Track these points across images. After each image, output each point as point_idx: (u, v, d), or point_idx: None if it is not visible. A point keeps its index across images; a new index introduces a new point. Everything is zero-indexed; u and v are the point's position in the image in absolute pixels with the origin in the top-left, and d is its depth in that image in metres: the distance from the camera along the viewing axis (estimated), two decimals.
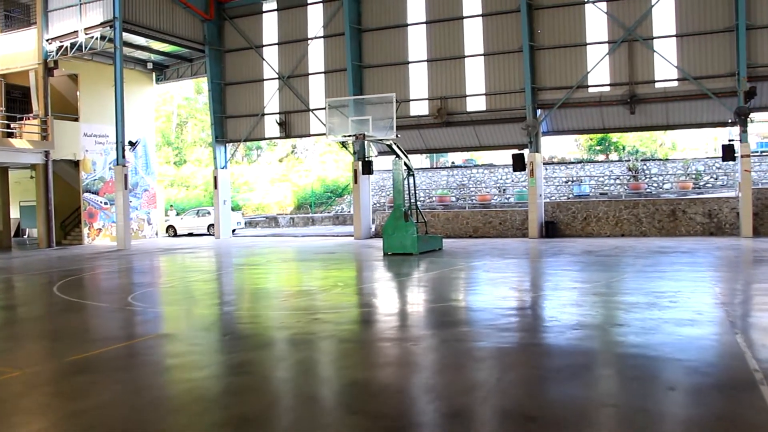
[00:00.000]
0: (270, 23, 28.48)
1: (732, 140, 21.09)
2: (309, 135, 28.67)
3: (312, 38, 27.31)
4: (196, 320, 8.81)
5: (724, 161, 21.76)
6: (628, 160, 30.86)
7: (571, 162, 33.34)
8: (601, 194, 28.49)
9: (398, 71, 25.73)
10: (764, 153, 30.59)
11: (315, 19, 27.44)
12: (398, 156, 17.41)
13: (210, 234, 31.88)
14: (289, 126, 28.15)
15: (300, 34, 27.69)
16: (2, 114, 26.33)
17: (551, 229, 23.18)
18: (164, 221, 34.17)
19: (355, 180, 26.03)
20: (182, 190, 48.43)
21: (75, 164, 28.37)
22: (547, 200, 25.14)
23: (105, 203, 28.89)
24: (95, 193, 28.85)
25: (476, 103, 24.73)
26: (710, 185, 28.79)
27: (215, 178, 29.28)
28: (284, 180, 43.71)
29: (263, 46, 28.48)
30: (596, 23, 22.73)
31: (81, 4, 25.27)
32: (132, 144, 24.38)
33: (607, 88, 22.72)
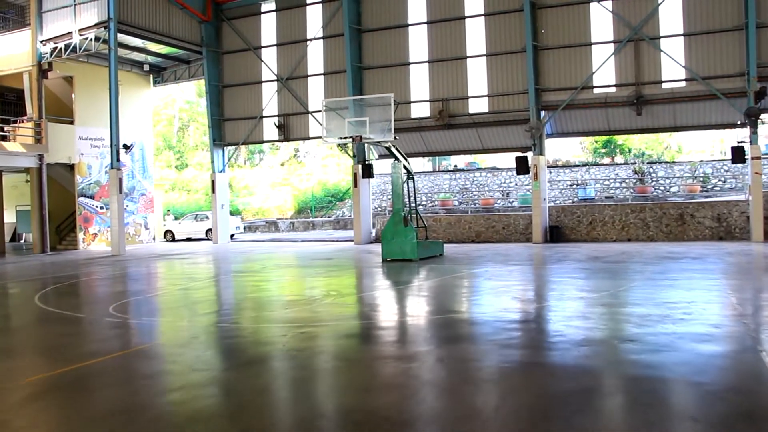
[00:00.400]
0: (268, 24, 27.99)
1: (742, 142, 20.45)
2: (308, 138, 28.13)
3: (311, 39, 26.80)
4: (174, 334, 8.24)
5: (734, 163, 21.12)
6: (634, 163, 30.19)
7: (576, 165, 32.70)
8: (607, 198, 27.84)
9: (399, 72, 25.19)
10: None
11: (314, 20, 26.94)
12: (397, 159, 16.83)
13: (208, 239, 31.36)
14: (288, 129, 27.62)
15: (299, 35, 27.19)
16: None
17: (556, 234, 22.57)
18: (162, 226, 33.64)
19: (355, 184, 25.47)
20: (183, 194, 47.97)
21: (70, 168, 27.89)
22: (552, 204, 24.53)
23: (101, 207, 28.39)
24: (91, 198, 28.36)
25: (479, 105, 24.16)
26: (718, 188, 28.12)
27: (213, 182, 28.79)
28: (285, 184, 43.19)
29: (261, 48, 27.99)
30: (601, 22, 22.15)
31: (75, 5, 24.83)
32: (126, 147, 23.84)
33: (613, 89, 22.11)
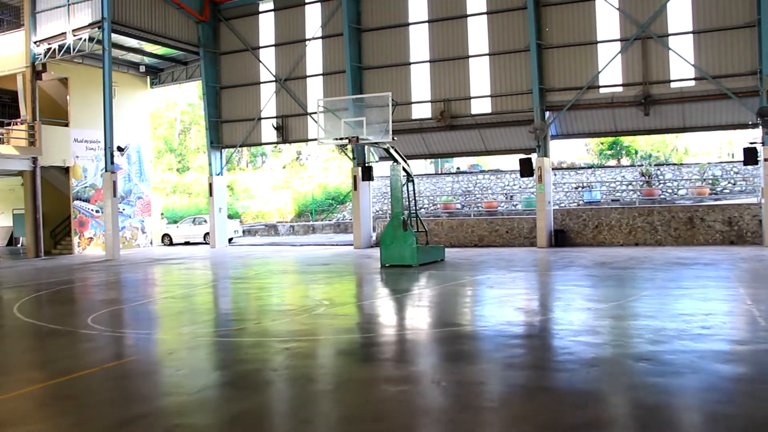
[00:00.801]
0: (266, 24, 27.42)
1: (754, 143, 19.76)
2: (307, 140, 27.54)
3: (310, 39, 26.21)
4: (150, 349, 7.64)
5: (746, 165, 20.44)
6: (641, 165, 29.52)
7: (581, 167, 32.03)
8: (613, 201, 27.17)
9: (399, 72, 24.57)
10: None
11: (313, 20, 26.34)
12: (396, 161, 16.21)
13: (206, 243, 30.76)
14: (287, 130, 27.02)
15: (297, 35, 26.60)
16: None
17: (561, 238, 21.90)
18: (162, 229, 33.06)
19: (355, 187, 24.85)
20: (185, 197, 47.45)
21: (65, 171, 27.35)
22: (556, 207, 23.86)
23: (96, 211, 27.82)
24: (86, 201, 27.81)
25: (481, 106, 23.51)
26: (728, 191, 27.43)
27: (210, 185, 28.21)
28: (286, 187, 42.61)
29: (259, 48, 27.42)
30: (607, 20, 21.47)
31: (69, 5, 24.31)
32: (120, 149, 23.30)
33: (620, 89, 21.43)
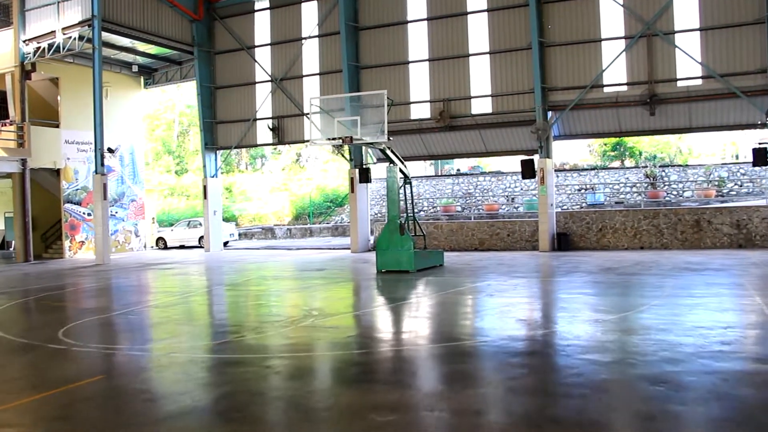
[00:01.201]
0: (262, 23, 26.80)
1: (763, 143, 19.14)
2: (303, 141, 26.83)
3: (306, 38, 25.58)
4: (114, 368, 6.99)
5: (755, 166, 19.83)
6: (645, 167, 28.89)
7: (584, 169, 31.39)
8: (617, 203, 26.54)
9: (397, 72, 23.94)
10: None
11: (309, 18, 25.72)
12: (393, 162, 15.56)
13: (201, 246, 30.12)
14: (283, 131, 26.40)
15: (293, 34, 25.99)
16: None
17: (564, 242, 21.24)
18: (153, 233, 32.41)
19: (352, 189, 24.22)
20: (183, 200, 46.80)
21: (56, 173, 26.74)
22: (559, 210, 23.21)
23: (88, 214, 27.18)
24: (78, 204, 27.19)
25: (482, 106, 22.85)
26: (734, 192, 26.80)
27: (205, 188, 27.58)
28: (284, 189, 41.95)
29: (255, 47, 26.81)
30: (612, 17, 20.84)
31: (58, 3, 23.69)
32: (110, 150, 22.66)
33: (624, 88, 20.79)
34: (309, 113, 15.35)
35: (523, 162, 21.57)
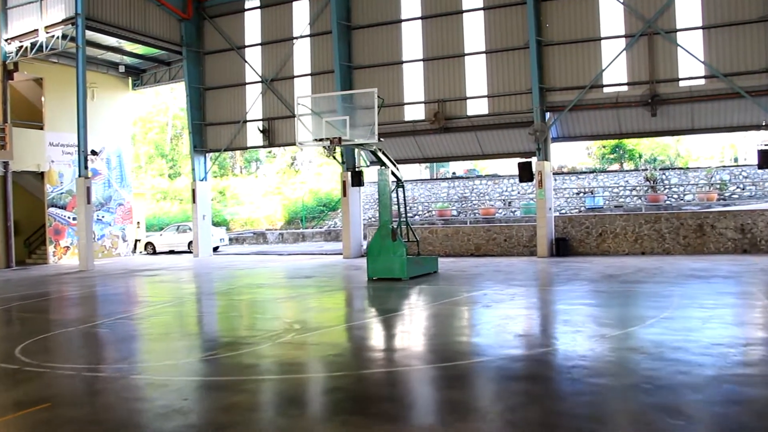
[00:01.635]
0: (252, 22, 26.09)
1: None
2: (294, 143, 26.10)
3: (297, 37, 24.87)
4: (64, 394, 6.25)
5: (761, 169, 19.13)
6: (645, 169, 28.23)
7: (583, 172, 30.73)
8: (616, 207, 25.89)
9: (391, 72, 23.24)
10: None
11: (301, 17, 25.02)
12: (384, 164, 14.85)
13: (191, 252, 29.35)
14: (273, 133, 25.66)
15: (284, 34, 25.28)
16: None
17: (563, 247, 20.54)
18: (141, 238, 31.60)
19: (344, 192, 23.49)
20: (175, 204, 46.02)
21: (40, 176, 25.97)
22: (557, 214, 22.50)
23: (73, 219, 26.36)
24: (62, 208, 26.41)
25: (478, 107, 22.15)
26: (737, 196, 26.16)
27: (194, 191, 26.82)
28: (277, 193, 41.23)
29: (245, 47, 26.09)
30: (612, 15, 20.17)
31: (41, 0, 22.94)
32: (94, 153, 21.90)
33: (625, 88, 20.12)
34: (297, 113, 14.59)
35: (521, 165, 20.88)
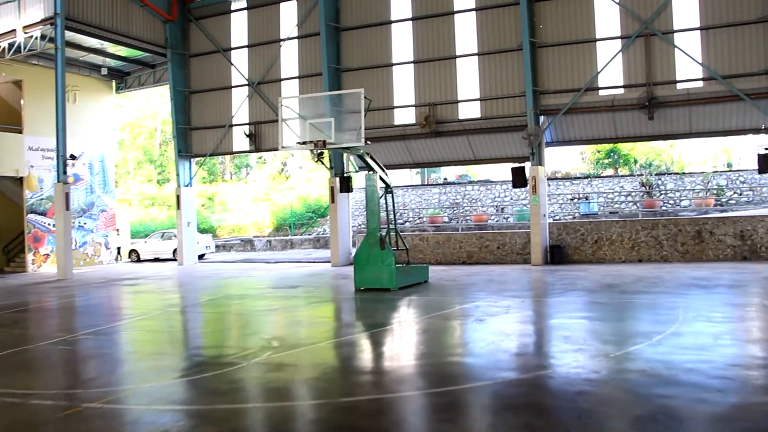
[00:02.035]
0: (239, 23, 25.40)
1: None
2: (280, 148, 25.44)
3: (285, 39, 24.20)
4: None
5: (761, 173, 18.63)
6: (641, 175, 27.69)
7: (577, 177, 30.18)
8: (611, 213, 25.32)
9: (381, 74, 22.59)
10: None
11: (288, 18, 24.35)
12: (372, 169, 14.17)
13: (176, 259, 28.53)
14: (260, 138, 24.93)
15: (272, 35, 24.59)
16: None
17: (557, 255, 19.90)
18: (122, 245, 30.71)
19: (332, 199, 22.79)
20: (164, 210, 45.14)
21: (19, 181, 25.15)
22: (552, 220, 21.90)
23: (53, 225, 25.56)
24: (42, 215, 25.58)
25: (470, 110, 21.52)
26: (734, 201, 25.65)
27: (178, 197, 26.03)
28: (266, 199, 40.44)
29: (231, 50, 25.39)
30: (607, 16, 19.60)
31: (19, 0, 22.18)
32: (73, 157, 21.14)
33: (621, 91, 19.55)
34: (280, 114, 13.90)
35: (514, 170, 20.26)
